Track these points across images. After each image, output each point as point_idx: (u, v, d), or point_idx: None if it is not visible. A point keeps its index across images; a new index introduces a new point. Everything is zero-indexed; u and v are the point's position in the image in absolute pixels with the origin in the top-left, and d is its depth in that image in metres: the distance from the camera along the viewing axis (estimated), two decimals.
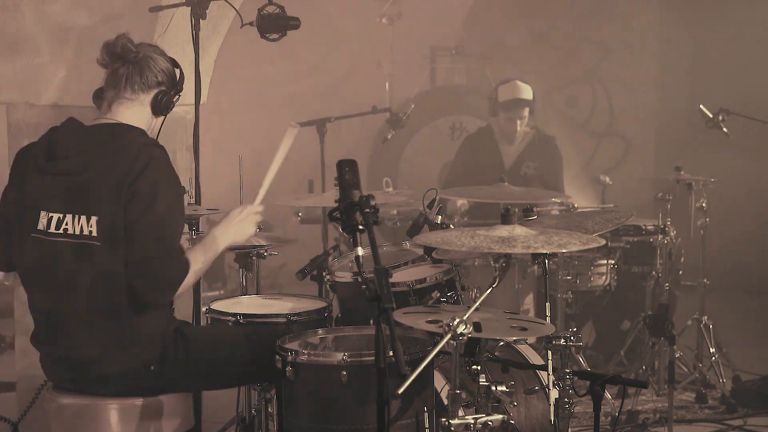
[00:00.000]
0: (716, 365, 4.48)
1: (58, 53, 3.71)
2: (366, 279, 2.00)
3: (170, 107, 2.61)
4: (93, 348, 2.45)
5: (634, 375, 4.41)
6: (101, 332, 2.45)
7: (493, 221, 2.88)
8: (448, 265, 3.11)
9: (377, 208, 2.13)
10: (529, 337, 2.86)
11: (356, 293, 3.08)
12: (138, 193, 2.39)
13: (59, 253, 2.44)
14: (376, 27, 6.99)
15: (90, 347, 2.46)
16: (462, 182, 4.95)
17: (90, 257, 2.42)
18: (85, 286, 2.43)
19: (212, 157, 5.25)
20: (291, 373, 2.42)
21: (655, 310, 4.40)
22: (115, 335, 2.45)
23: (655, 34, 7.72)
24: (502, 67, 7.55)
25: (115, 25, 2.84)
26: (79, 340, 2.46)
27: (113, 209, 2.39)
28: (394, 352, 1.90)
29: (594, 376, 2.46)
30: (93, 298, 2.43)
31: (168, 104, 2.59)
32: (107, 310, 2.44)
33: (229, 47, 4.57)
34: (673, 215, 4.57)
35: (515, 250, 2.43)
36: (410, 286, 3.02)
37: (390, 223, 4.88)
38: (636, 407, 4.11)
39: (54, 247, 2.45)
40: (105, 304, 2.44)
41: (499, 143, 5.08)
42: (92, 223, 2.41)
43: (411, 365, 2.14)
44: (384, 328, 1.94)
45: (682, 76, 7.53)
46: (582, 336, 2.64)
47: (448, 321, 2.24)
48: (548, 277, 2.90)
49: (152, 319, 2.49)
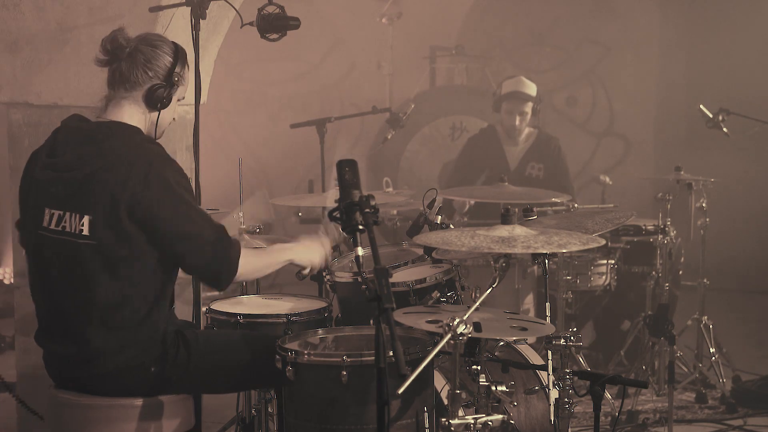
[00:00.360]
0: (716, 365, 4.48)
1: (58, 53, 3.71)
2: (366, 279, 2.00)
3: (165, 102, 2.54)
4: (93, 346, 2.45)
5: (634, 375, 4.41)
6: (100, 331, 2.45)
7: (493, 221, 2.88)
8: (448, 265, 3.11)
9: (377, 208, 2.13)
10: (529, 337, 2.87)
11: (356, 293, 3.09)
12: (155, 198, 2.38)
13: (60, 251, 2.45)
14: (376, 27, 7.00)
15: (90, 346, 2.45)
16: (466, 183, 4.95)
17: (86, 256, 2.41)
18: (84, 285, 2.43)
19: (212, 157, 5.26)
20: (291, 374, 2.42)
21: (655, 310, 4.40)
22: (114, 335, 2.45)
23: (655, 34, 7.72)
24: (502, 67, 7.57)
25: (115, 25, 2.82)
26: (79, 338, 2.46)
27: (107, 210, 2.38)
28: (394, 352, 1.90)
29: (594, 376, 2.46)
30: (91, 297, 2.43)
31: (161, 98, 2.52)
32: (105, 309, 2.44)
33: (229, 47, 4.58)
34: (673, 215, 4.57)
35: (515, 250, 2.43)
36: (410, 286, 3.02)
37: (390, 223, 4.88)
38: (636, 407, 4.11)
39: (55, 245, 2.45)
40: (104, 303, 2.44)
41: (503, 144, 5.08)
42: (84, 222, 2.40)
43: (411, 365, 2.14)
44: (384, 328, 1.94)
45: (682, 76, 7.53)
46: (582, 336, 2.64)
47: (448, 321, 2.24)
48: (548, 277, 2.91)
49: (152, 320, 2.49)
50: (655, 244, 4.63)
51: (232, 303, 3.18)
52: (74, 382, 2.53)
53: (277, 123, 7.27)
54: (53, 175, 2.47)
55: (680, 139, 7.27)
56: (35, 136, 3.59)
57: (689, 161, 5.05)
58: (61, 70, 3.72)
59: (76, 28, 3.67)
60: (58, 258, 2.46)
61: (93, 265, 2.42)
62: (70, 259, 2.44)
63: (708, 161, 6.06)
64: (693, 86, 7.21)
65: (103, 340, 2.44)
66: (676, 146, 7.19)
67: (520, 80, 4.96)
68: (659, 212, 4.52)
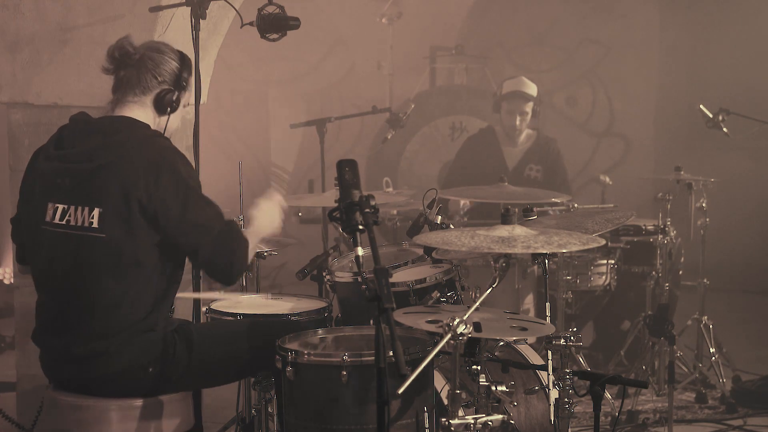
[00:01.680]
0: (716, 365, 4.48)
1: (59, 53, 3.71)
2: (366, 279, 2.01)
3: (174, 105, 2.57)
4: (92, 347, 2.45)
5: (634, 375, 4.41)
6: (101, 331, 2.45)
7: (493, 221, 2.88)
8: (448, 265, 3.11)
9: (377, 208, 2.14)
10: (529, 337, 2.87)
11: (356, 293, 3.09)
12: (168, 191, 2.39)
13: (64, 246, 2.44)
14: (376, 27, 7.00)
15: (89, 346, 2.45)
16: (463, 183, 4.95)
17: (92, 250, 2.40)
18: (86, 282, 2.43)
19: (212, 157, 5.26)
20: (291, 374, 2.42)
21: (655, 310, 4.40)
22: (115, 335, 2.44)
23: (655, 34, 7.73)
24: (502, 67, 7.56)
25: (116, 25, 2.83)
26: (79, 337, 2.46)
27: (119, 203, 2.38)
28: (394, 352, 1.90)
29: (594, 376, 2.46)
30: (94, 295, 2.43)
31: (170, 102, 2.55)
32: (107, 308, 2.44)
33: (229, 47, 4.58)
34: (673, 215, 4.57)
35: (515, 250, 2.43)
36: (410, 286, 3.02)
37: (390, 223, 4.88)
38: (636, 407, 4.11)
39: (59, 240, 2.44)
40: (106, 302, 2.43)
41: (501, 144, 5.08)
42: (94, 215, 2.39)
43: (411, 365, 2.14)
44: (384, 328, 1.94)
45: (682, 76, 7.53)
46: (582, 336, 2.64)
47: (448, 321, 2.24)
48: (548, 277, 2.91)
49: (153, 322, 2.49)
50: (655, 244, 4.62)
51: (233, 303, 3.18)
52: (72, 383, 2.52)
53: (277, 123, 7.28)
54: (60, 166, 2.46)
55: (680, 139, 7.27)
56: (35, 136, 3.59)
57: (689, 161, 5.05)
58: (61, 70, 3.72)
59: (76, 28, 3.67)
60: (62, 254, 2.45)
61: (98, 261, 2.41)
62: (74, 255, 2.43)
63: (708, 161, 6.07)
64: (693, 86, 7.20)
65: (104, 341, 2.44)
66: (676, 146, 7.18)
67: (521, 80, 4.97)
68: (659, 212, 4.51)
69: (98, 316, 2.44)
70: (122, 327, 2.45)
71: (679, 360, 4.38)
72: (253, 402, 3.11)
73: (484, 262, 4.27)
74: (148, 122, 2.55)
